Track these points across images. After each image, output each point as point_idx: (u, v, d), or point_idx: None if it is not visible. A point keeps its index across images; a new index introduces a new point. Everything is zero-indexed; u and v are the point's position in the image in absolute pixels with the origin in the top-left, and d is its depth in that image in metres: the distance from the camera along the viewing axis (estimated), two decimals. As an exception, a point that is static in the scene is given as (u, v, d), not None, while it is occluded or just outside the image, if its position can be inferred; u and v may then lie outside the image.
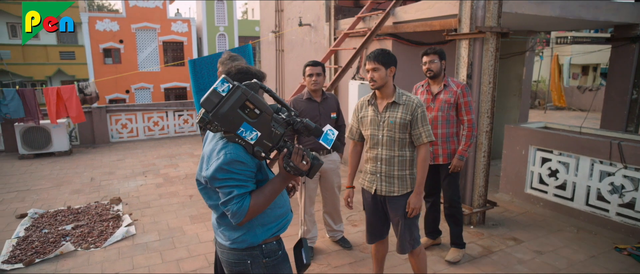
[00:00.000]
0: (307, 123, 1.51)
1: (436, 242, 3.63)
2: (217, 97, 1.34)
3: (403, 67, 5.31)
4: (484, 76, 3.76)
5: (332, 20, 6.46)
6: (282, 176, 1.54)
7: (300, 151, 1.48)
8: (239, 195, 1.44)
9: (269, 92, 1.49)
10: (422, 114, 2.39)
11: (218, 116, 1.35)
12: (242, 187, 1.45)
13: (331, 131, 1.58)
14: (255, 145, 1.42)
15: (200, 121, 1.36)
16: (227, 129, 1.39)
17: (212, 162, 1.45)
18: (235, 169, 1.43)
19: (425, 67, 3.18)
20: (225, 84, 1.35)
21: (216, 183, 1.45)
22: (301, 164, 1.48)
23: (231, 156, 1.42)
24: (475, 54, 3.76)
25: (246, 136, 1.40)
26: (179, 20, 22.67)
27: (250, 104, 1.38)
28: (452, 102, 3.13)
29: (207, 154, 1.51)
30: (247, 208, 1.44)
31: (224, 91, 1.35)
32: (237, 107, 1.37)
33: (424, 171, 2.42)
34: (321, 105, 3.30)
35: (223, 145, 1.45)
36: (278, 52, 8.83)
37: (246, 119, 1.38)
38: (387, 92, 2.43)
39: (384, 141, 2.43)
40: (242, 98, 1.36)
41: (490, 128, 3.85)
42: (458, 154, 3.17)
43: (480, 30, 3.61)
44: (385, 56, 2.37)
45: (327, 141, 1.57)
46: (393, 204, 2.49)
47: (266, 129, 1.42)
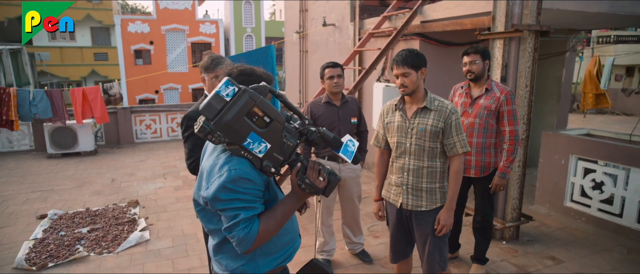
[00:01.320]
0: (325, 133, 1.29)
1: (454, 255, 3.36)
2: (221, 102, 1.14)
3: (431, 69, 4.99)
4: (520, 79, 3.43)
5: (356, 19, 6.23)
6: (295, 194, 1.32)
7: (316, 166, 1.28)
8: (246, 219, 1.23)
9: (279, 97, 1.28)
10: (457, 121, 2.14)
11: (221, 125, 1.15)
12: (249, 209, 1.24)
13: (351, 141, 1.37)
14: (264, 159, 1.22)
15: (200, 130, 1.15)
16: (232, 141, 1.18)
17: (214, 180, 1.23)
18: (241, 188, 1.22)
19: (466, 68, 2.87)
20: (230, 86, 1.14)
21: (219, 205, 1.24)
22: (318, 181, 1.27)
23: (236, 172, 1.21)
24: (510, 54, 3.44)
25: (254, 148, 1.20)
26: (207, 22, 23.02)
27: (259, 110, 1.17)
28: (493, 109, 2.80)
29: (206, 170, 1.30)
30: (255, 233, 1.23)
31: (228, 95, 1.14)
32: (244, 115, 1.16)
33: (457, 184, 2.17)
34: (341, 109, 3.09)
35: (226, 159, 1.24)
36: (302, 53, 8.68)
37: (254, 129, 1.18)
38: (417, 97, 2.19)
39: (412, 149, 2.20)
40: (249, 104, 1.15)
41: (526, 136, 3.52)
42: (499, 172, 2.84)
43: (517, 29, 3.29)
44: (414, 58, 2.12)
45: (348, 154, 1.35)
46: (420, 220, 2.25)
47: (277, 140, 1.21)
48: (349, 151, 1.35)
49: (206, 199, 1.25)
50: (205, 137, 1.16)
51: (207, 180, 1.27)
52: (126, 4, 34.23)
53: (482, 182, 2.93)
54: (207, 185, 1.26)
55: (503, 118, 2.80)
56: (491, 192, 2.91)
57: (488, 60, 2.87)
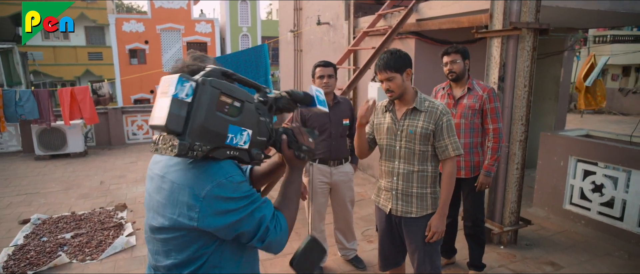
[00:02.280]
0: (293, 93, 1.14)
1: (451, 261, 3.26)
2: (183, 106, 0.93)
3: (427, 69, 4.90)
4: (518, 79, 3.32)
5: (351, 18, 6.11)
6: (296, 168, 1.19)
7: (301, 128, 1.18)
8: (270, 218, 1.08)
9: (231, 77, 1.07)
10: (448, 123, 2.03)
11: (196, 133, 0.95)
12: (263, 206, 1.08)
13: (318, 90, 1.21)
14: (250, 148, 1.06)
15: (180, 151, 0.94)
16: (214, 145, 0.99)
17: (208, 204, 1.02)
18: (243, 192, 1.05)
19: (447, 68, 2.83)
20: (186, 83, 0.94)
21: (231, 228, 1.04)
22: (310, 143, 1.18)
23: (232, 179, 1.04)
24: (508, 53, 3.33)
25: (238, 141, 1.03)
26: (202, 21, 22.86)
27: (228, 97, 1.00)
28: (477, 108, 2.76)
29: (173, 197, 1.05)
30: (286, 225, 1.12)
31: (188, 95, 0.94)
32: (215, 110, 0.98)
33: (449, 190, 2.06)
34: (332, 110, 2.96)
35: (207, 173, 1.04)
36: (296, 52, 8.55)
37: (230, 121, 1.00)
38: (406, 98, 2.09)
39: (402, 153, 2.09)
40: (215, 94, 0.97)
41: (524, 137, 3.40)
42: (484, 170, 2.79)
43: (516, 27, 3.17)
44: (397, 60, 2.01)
45: (321, 103, 1.20)
46: (410, 226, 2.14)
47: (254, 121, 1.06)
48: (320, 99, 1.20)
49: (206, 228, 1.04)
50: (185, 156, 0.96)
51: (190, 208, 1.03)
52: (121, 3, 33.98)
53: (472, 183, 2.88)
54: (196, 215, 1.03)
55: (487, 116, 2.77)
56: (477, 191, 2.86)
57: (468, 60, 2.82)
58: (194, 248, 1.07)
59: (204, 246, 1.07)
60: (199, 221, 1.02)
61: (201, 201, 1.02)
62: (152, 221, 1.12)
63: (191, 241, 1.07)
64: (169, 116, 0.92)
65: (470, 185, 2.88)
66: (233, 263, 1.13)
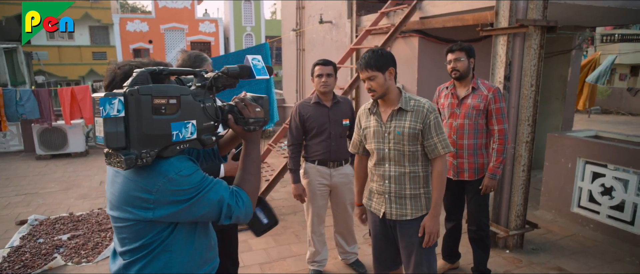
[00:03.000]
0: (228, 70, 1.14)
1: (454, 266, 3.16)
2: (118, 122, 0.95)
3: (431, 68, 4.80)
4: (525, 78, 3.21)
5: (353, 16, 6.02)
6: (249, 140, 1.25)
7: (245, 101, 1.20)
8: (229, 196, 1.15)
9: (164, 72, 1.07)
10: (436, 120, 1.98)
11: (139, 142, 0.98)
12: (217, 187, 1.14)
13: (254, 58, 1.20)
14: (199, 136, 1.11)
15: (127, 165, 0.97)
16: (162, 146, 1.03)
17: (157, 197, 1.06)
18: (194, 182, 1.10)
19: (450, 66, 2.73)
20: (113, 101, 0.94)
21: (189, 211, 1.10)
22: (257, 113, 1.21)
23: (180, 173, 1.08)
24: (515, 52, 3.22)
25: (184, 135, 1.06)
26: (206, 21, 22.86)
27: (161, 99, 1.01)
28: (481, 108, 2.67)
29: (126, 191, 1.11)
30: (248, 199, 1.19)
31: (119, 111, 0.95)
32: (152, 115, 0.99)
33: (440, 188, 2.00)
34: (331, 110, 2.87)
35: (157, 171, 1.07)
36: (299, 52, 8.47)
37: (170, 119, 1.03)
38: (390, 99, 2.03)
39: (392, 155, 2.03)
40: (146, 101, 0.98)
41: (531, 138, 3.30)
42: (489, 173, 2.70)
43: (522, 24, 3.06)
44: (379, 58, 1.96)
45: (259, 71, 1.19)
46: (405, 229, 2.07)
47: (196, 110, 1.09)
48: (258, 68, 1.19)
49: (162, 218, 1.10)
50: (135, 166, 0.99)
51: (145, 202, 1.08)
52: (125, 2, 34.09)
53: (476, 185, 2.78)
54: (152, 206, 1.08)
55: (492, 117, 2.67)
56: (481, 194, 2.77)
57: (473, 59, 2.72)
58: (149, 235, 1.12)
59: (159, 233, 1.13)
60: (155, 212, 1.08)
61: (154, 195, 1.06)
62: (109, 211, 1.17)
63: (145, 229, 1.12)
64: (106, 136, 0.94)
65: (475, 188, 2.79)
66: (184, 246, 1.18)
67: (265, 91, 5.07)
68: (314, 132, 2.87)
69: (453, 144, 2.74)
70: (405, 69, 4.98)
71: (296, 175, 2.93)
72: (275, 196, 4.91)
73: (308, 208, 3.02)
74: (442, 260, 3.15)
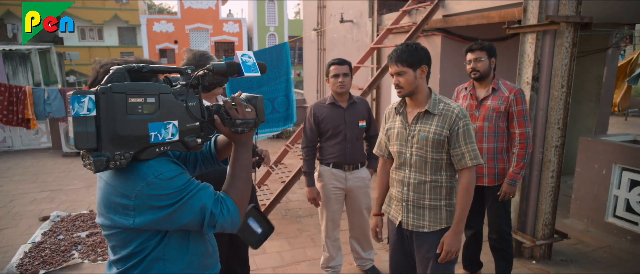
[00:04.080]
0: (215, 67, 1.05)
1: None
2: (89, 122, 0.90)
3: (453, 68, 4.61)
4: (555, 78, 3.01)
5: (375, 15, 5.89)
6: (239, 143, 1.16)
7: (236, 100, 1.12)
8: (213, 203, 1.06)
9: (140, 71, 1.01)
10: (466, 128, 1.81)
11: (112, 144, 0.92)
12: (201, 193, 1.06)
13: (244, 54, 1.11)
14: (181, 138, 1.03)
15: (96, 168, 0.91)
16: (139, 148, 0.97)
17: (136, 203, 1.00)
18: (176, 187, 1.02)
19: (470, 66, 2.60)
20: (83, 99, 0.88)
21: (168, 219, 1.03)
22: (247, 113, 1.12)
23: (161, 176, 1.01)
24: (544, 50, 3.03)
25: (164, 136, 1.00)
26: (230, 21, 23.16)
27: (137, 97, 0.95)
28: (502, 110, 2.53)
29: (107, 197, 1.06)
30: (234, 205, 1.11)
31: (90, 110, 0.89)
32: (126, 114, 0.93)
33: (465, 203, 1.83)
34: (347, 111, 2.77)
35: (136, 174, 1.01)
36: (319, 51, 8.40)
37: (148, 119, 0.97)
38: (418, 99, 1.88)
39: (413, 161, 1.89)
40: (120, 99, 0.92)
41: (561, 142, 3.09)
42: (508, 178, 2.55)
43: (553, 21, 2.87)
44: (412, 53, 1.81)
45: (249, 68, 1.10)
46: (421, 242, 1.93)
47: (178, 109, 1.02)
48: (248, 65, 1.10)
49: (143, 225, 1.03)
50: (108, 168, 0.93)
51: (125, 208, 1.01)
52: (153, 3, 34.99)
53: (496, 191, 2.64)
54: (132, 213, 1.01)
55: (513, 119, 2.53)
56: (499, 200, 2.63)
57: (494, 58, 2.58)
58: (136, 243, 1.06)
59: (147, 240, 1.07)
60: (135, 220, 1.01)
61: (133, 201, 1.00)
62: (97, 219, 1.12)
63: (132, 237, 1.06)
64: (76, 136, 0.88)
65: (494, 194, 2.64)
66: (179, 254, 1.13)
67: (284, 91, 5.01)
68: (329, 134, 2.78)
69: None
70: (427, 69, 4.81)
71: (310, 178, 2.84)
72: (292, 197, 4.85)
73: (322, 212, 2.93)
74: (462, 269, 3.00)
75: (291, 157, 5.27)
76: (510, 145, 2.62)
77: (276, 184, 4.62)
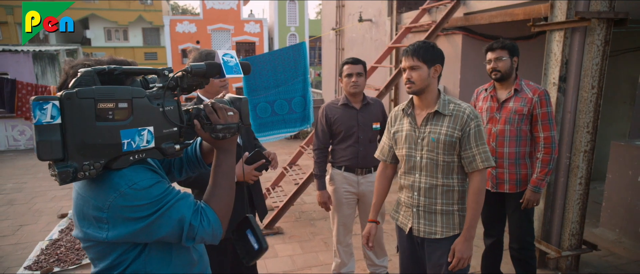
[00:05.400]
0: (194, 68, 0.99)
1: None
2: (53, 130, 0.83)
3: (475, 68, 4.43)
4: (584, 79, 2.82)
5: (394, 14, 5.75)
6: (220, 149, 1.09)
7: (215, 105, 1.05)
8: (191, 214, 0.99)
9: (112, 73, 0.94)
10: (477, 129, 1.72)
11: (79, 153, 0.85)
12: (179, 204, 0.99)
13: (226, 54, 1.05)
14: (158, 144, 0.97)
15: (62, 180, 0.85)
16: (110, 157, 0.90)
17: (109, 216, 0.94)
18: (152, 197, 0.95)
19: (490, 66, 2.45)
20: (46, 105, 0.82)
21: (145, 232, 0.96)
22: (229, 118, 1.05)
23: (135, 186, 0.94)
24: (573, 49, 2.84)
25: (138, 144, 0.93)
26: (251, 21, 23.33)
27: (107, 102, 0.88)
28: (524, 112, 2.37)
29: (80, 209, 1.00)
30: (215, 216, 1.03)
31: (54, 117, 0.83)
32: (95, 121, 0.86)
33: (476, 208, 1.74)
34: (361, 113, 2.67)
35: (109, 184, 0.94)
36: (338, 51, 8.30)
37: (119, 126, 0.90)
38: (428, 99, 1.79)
39: (423, 164, 1.80)
40: (88, 105, 0.86)
41: (590, 147, 2.89)
42: (532, 185, 2.39)
43: (583, 17, 2.68)
44: (428, 50, 1.74)
45: (231, 70, 1.03)
46: (433, 249, 1.84)
47: (154, 115, 0.95)
48: (230, 66, 1.04)
49: (118, 239, 0.96)
50: (76, 180, 0.86)
51: (98, 221, 0.95)
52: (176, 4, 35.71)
53: (517, 198, 2.48)
54: (106, 226, 0.95)
55: (537, 122, 2.37)
56: (522, 208, 2.46)
57: (517, 58, 2.42)
58: (114, 255, 1.00)
59: (125, 253, 1.01)
60: (109, 233, 0.94)
61: (106, 213, 0.93)
62: (73, 232, 1.07)
63: (110, 249, 1.00)
64: (38, 146, 0.82)
65: (516, 201, 2.49)
66: (161, 266, 1.06)
67: (301, 91, 4.94)
68: (341, 136, 2.69)
69: (492, 152, 2.45)
70: (447, 69, 4.64)
71: (321, 181, 2.76)
72: (307, 200, 4.77)
73: (333, 216, 2.84)
74: (482, 279, 2.85)
75: (306, 159, 5.20)
76: (534, 150, 2.46)
77: (290, 185, 4.57)
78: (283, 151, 7.43)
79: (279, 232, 3.90)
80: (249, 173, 1.91)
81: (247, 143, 2.06)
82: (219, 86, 1.87)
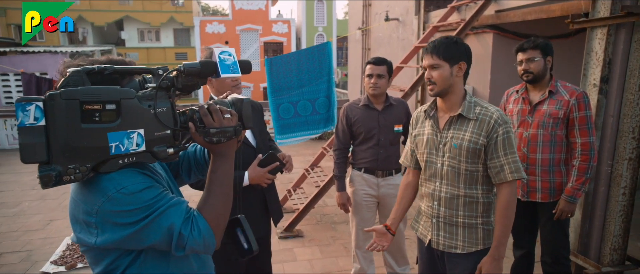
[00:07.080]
0: (187, 68, 0.93)
1: None
2: (37, 132, 0.80)
3: (506, 69, 4.21)
4: (630, 80, 2.59)
5: (421, 12, 5.57)
6: (217, 154, 1.03)
7: (211, 107, 0.99)
8: (182, 222, 0.94)
9: (102, 73, 0.90)
10: (506, 136, 1.55)
11: (63, 156, 0.82)
12: (171, 210, 0.94)
13: (223, 52, 0.97)
14: (149, 148, 0.92)
15: (44, 184, 0.82)
16: (97, 161, 0.87)
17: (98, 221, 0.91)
18: (142, 202, 0.91)
19: (522, 67, 2.29)
20: (29, 107, 0.79)
21: (134, 239, 0.92)
22: (225, 121, 0.99)
23: (123, 190, 0.90)
24: (617, 47, 2.61)
25: (128, 147, 0.89)
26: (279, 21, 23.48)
27: (93, 104, 0.84)
28: (560, 116, 2.19)
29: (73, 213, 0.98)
30: (207, 225, 0.97)
31: (37, 119, 0.80)
32: (80, 123, 0.83)
33: (506, 223, 1.57)
34: (382, 114, 2.56)
35: (97, 187, 0.91)
36: (364, 51, 8.18)
37: (107, 129, 0.86)
38: (452, 101, 1.64)
39: (444, 172, 1.66)
40: (73, 106, 0.82)
41: (636, 154, 2.66)
42: (566, 194, 2.21)
43: (630, 12, 2.46)
44: (450, 47, 1.59)
45: (227, 69, 0.97)
46: (454, 265, 1.70)
47: (144, 118, 0.91)
48: (226, 65, 0.97)
49: (107, 245, 0.93)
50: (60, 183, 0.84)
51: (88, 225, 0.93)
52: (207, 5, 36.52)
53: (551, 208, 2.30)
54: (95, 231, 0.92)
55: (574, 127, 2.19)
56: (555, 219, 2.28)
57: (551, 57, 2.24)
58: (107, 261, 0.98)
59: (118, 259, 0.97)
60: (98, 238, 0.91)
61: (95, 217, 0.90)
62: (71, 236, 1.04)
63: (102, 255, 0.97)
64: (22, 148, 0.79)
65: (549, 211, 2.31)
66: (158, 270, 1.02)
67: (326, 91, 4.86)
68: (362, 138, 2.59)
69: (523, 158, 2.28)
70: (477, 70, 4.43)
71: (341, 182, 2.68)
72: (329, 202, 4.69)
73: (352, 219, 2.75)
74: (510, 295, 2.67)
75: (328, 160, 5.11)
76: (570, 156, 2.27)
77: (312, 187, 4.49)
78: (307, 151, 7.37)
79: (299, 235, 3.84)
80: (262, 176, 1.84)
81: (261, 145, 1.99)
82: (231, 86, 1.81)
